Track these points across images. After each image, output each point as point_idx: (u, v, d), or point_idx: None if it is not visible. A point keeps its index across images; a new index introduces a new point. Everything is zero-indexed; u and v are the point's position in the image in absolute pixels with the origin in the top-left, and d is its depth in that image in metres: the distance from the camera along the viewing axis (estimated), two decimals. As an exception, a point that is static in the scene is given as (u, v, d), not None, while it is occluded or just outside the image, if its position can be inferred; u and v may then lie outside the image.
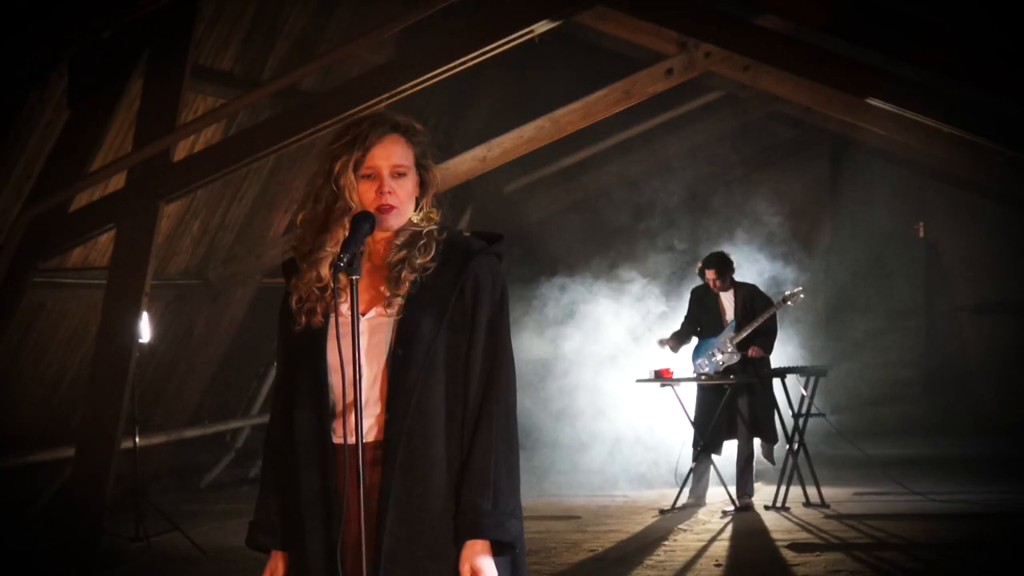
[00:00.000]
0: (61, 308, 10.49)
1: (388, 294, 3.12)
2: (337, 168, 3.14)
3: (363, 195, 3.13)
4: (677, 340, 10.79)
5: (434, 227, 3.19)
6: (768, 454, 10.67)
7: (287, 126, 9.23)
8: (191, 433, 12.23)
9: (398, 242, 3.17)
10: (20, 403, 10.54)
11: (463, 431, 3.11)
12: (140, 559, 9.07)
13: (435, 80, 8.95)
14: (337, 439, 3.09)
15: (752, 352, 10.46)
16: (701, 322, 10.77)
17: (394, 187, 3.14)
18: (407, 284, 3.11)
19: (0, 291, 9.24)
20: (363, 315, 3.11)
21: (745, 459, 10.54)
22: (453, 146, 12.75)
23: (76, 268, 10.38)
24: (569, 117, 10.48)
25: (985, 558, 8.44)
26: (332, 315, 3.07)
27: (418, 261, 3.13)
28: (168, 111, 9.34)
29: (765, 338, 10.55)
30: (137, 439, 9.39)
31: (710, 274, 10.63)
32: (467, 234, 3.25)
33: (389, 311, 3.11)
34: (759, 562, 8.45)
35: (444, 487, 3.08)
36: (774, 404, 10.55)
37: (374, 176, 3.14)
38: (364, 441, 3.03)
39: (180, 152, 9.97)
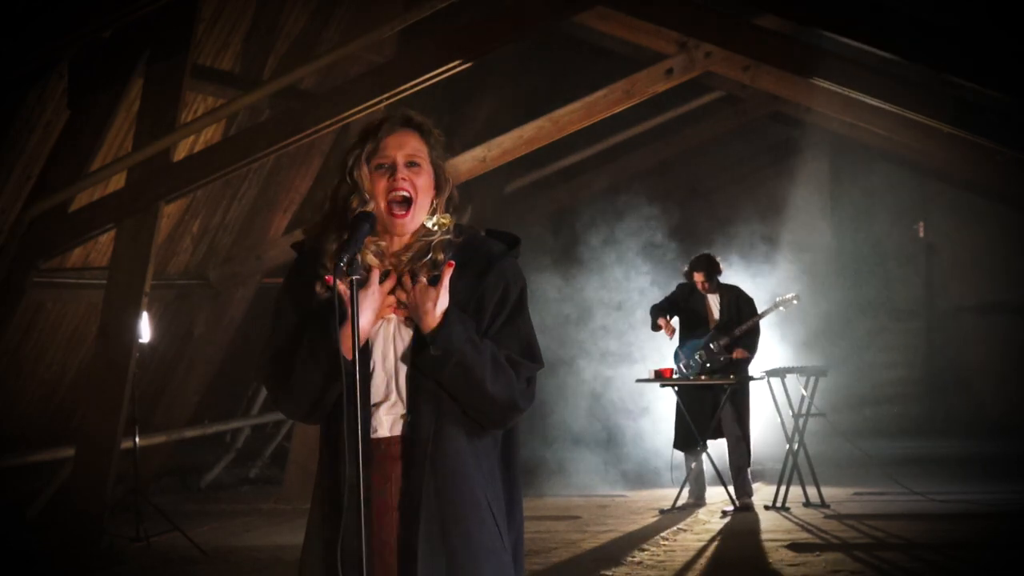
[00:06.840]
0: (61, 308, 10.48)
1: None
2: (351, 162, 3.15)
3: (376, 186, 3.12)
4: (666, 318, 10.82)
5: (448, 235, 3.17)
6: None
7: (287, 126, 9.23)
8: (191, 433, 12.22)
9: (409, 255, 3.15)
10: (20, 403, 10.53)
11: None
12: (140, 559, 9.06)
13: (435, 80, 8.95)
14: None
15: (737, 354, 10.49)
16: (685, 319, 10.80)
17: (408, 175, 3.12)
18: None
19: (0, 291, 9.24)
20: (384, 319, 3.13)
21: (738, 460, 10.54)
22: (453, 146, 12.71)
23: (76, 268, 10.38)
24: (569, 117, 10.47)
25: (985, 558, 8.43)
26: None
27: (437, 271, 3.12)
28: (168, 111, 9.34)
29: (749, 339, 10.58)
30: (137, 439, 9.38)
31: (698, 276, 10.68)
32: (483, 233, 3.24)
33: (410, 321, 3.11)
34: (759, 562, 8.45)
35: (472, 478, 3.10)
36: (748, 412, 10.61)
37: (387, 166, 3.13)
38: (389, 435, 3.08)
39: (180, 152, 9.96)
